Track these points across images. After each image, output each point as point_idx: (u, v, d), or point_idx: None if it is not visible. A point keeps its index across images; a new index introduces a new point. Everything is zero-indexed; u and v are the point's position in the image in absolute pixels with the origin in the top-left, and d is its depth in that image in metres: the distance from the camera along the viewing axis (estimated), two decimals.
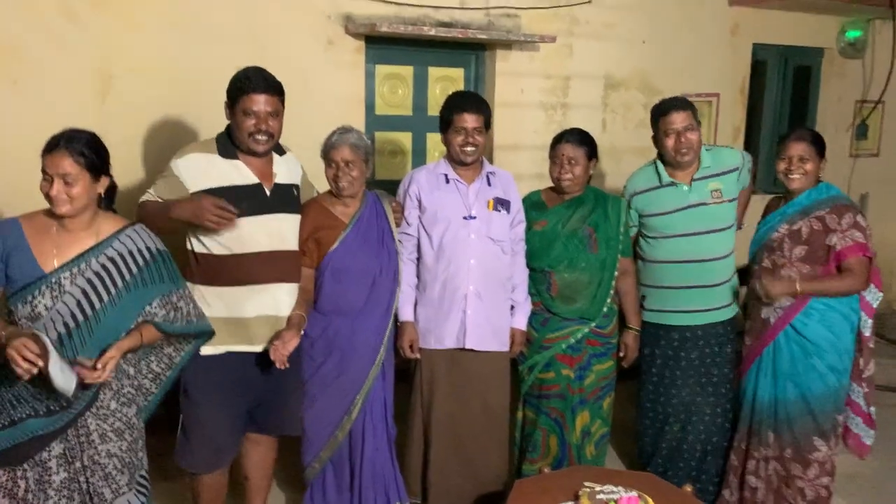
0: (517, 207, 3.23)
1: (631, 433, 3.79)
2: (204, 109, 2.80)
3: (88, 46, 3.90)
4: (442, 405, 3.14)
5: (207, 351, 2.80)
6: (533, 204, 3.37)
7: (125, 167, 4.03)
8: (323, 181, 3.05)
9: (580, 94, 5.35)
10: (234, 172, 2.79)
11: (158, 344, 2.58)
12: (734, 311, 3.44)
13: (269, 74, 2.80)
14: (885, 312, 6.01)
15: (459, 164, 3.15)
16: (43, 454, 2.32)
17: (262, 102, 2.73)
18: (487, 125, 3.14)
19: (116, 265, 2.37)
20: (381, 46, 4.76)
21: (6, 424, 2.30)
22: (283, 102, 2.82)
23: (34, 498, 2.31)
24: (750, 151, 6.17)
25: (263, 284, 2.81)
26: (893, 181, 6.82)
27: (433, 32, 4.60)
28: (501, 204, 3.16)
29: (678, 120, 3.27)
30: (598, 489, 2.57)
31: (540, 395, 3.32)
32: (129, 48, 3.98)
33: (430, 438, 3.17)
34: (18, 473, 2.31)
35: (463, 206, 3.12)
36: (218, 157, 2.79)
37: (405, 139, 5.05)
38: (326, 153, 2.95)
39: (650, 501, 2.51)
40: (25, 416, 2.30)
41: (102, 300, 2.33)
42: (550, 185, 3.38)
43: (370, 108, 4.83)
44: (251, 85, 2.73)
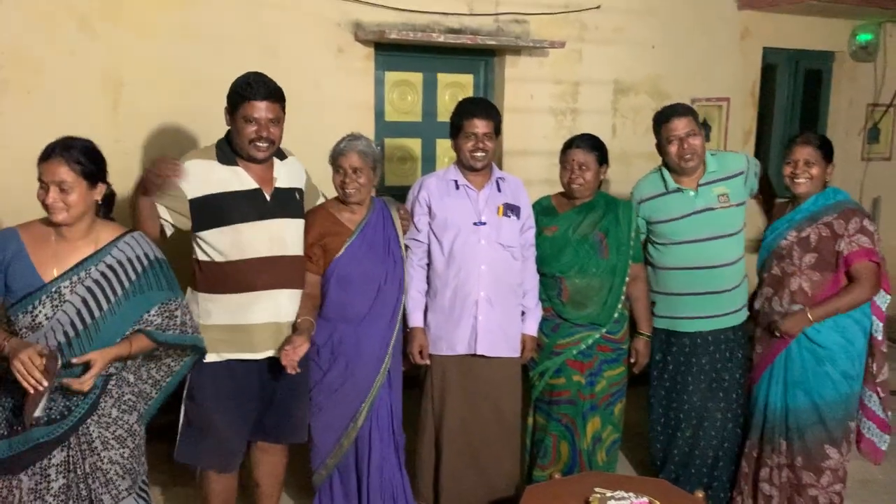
0: (527, 213, 3.23)
1: (642, 439, 3.78)
2: (215, 117, 2.82)
3: (100, 55, 3.94)
4: (453, 411, 3.14)
5: (212, 358, 2.81)
6: (543, 209, 3.37)
7: (137, 174, 4.08)
8: (331, 187, 3.05)
9: (590, 99, 5.34)
10: (232, 179, 2.79)
11: (157, 354, 2.57)
12: (744, 316, 3.43)
13: (269, 80, 2.77)
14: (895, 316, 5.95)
15: (470, 169, 3.15)
16: (43, 461, 2.30)
17: (263, 109, 2.72)
18: (498, 131, 3.15)
19: (116, 273, 2.35)
20: (390, 53, 4.78)
21: (7, 433, 2.29)
22: (283, 109, 2.80)
23: None
24: (761, 156, 6.19)
25: (265, 291, 2.81)
26: None
27: (442, 39, 4.61)
28: (511, 210, 3.16)
29: (680, 126, 3.26)
30: (608, 495, 2.56)
31: (551, 400, 3.31)
32: (140, 57, 4.01)
33: (441, 444, 3.17)
34: (14, 483, 2.29)
35: (473, 212, 3.12)
36: (217, 163, 2.79)
37: (415, 145, 5.06)
38: (334, 160, 2.96)
39: None
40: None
41: (102, 308, 2.32)
42: (560, 190, 3.38)
43: (380, 114, 4.85)
44: (252, 91, 2.70)
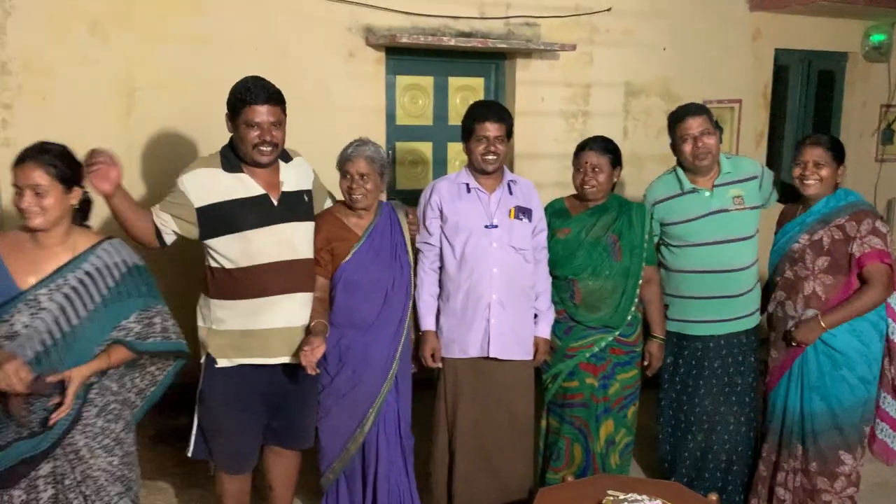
0: (539, 216, 3.23)
1: (654, 442, 3.76)
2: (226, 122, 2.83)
3: (112, 61, 3.98)
4: (466, 414, 3.14)
5: (223, 363, 2.83)
6: (556, 212, 3.36)
7: (150, 179, 4.12)
8: (341, 191, 3.06)
9: (601, 101, 5.34)
10: (238, 186, 2.79)
11: (142, 362, 2.54)
12: (757, 320, 3.41)
13: (268, 83, 2.76)
14: None
15: (481, 172, 3.15)
16: (31, 473, 2.29)
17: (264, 113, 2.71)
18: (509, 134, 3.14)
19: (94, 280, 2.33)
20: (401, 57, 4.80)
21: None
22: (284, 111, 2.80)
23: None
24: (773, 158, 6.17)
25: (276, 296, 2.82)
26: None
27: (453, 42, 4.62)
28: (523, 212, 3.16)
29: (694, 125, 3.26)
30: (622, 498, 2.55)
31: (564, 403, 3.30)
32: (152, 62, 4.05)
33: (454, 447, 3.16)
34: (5, 497, 2.28)
35: (484, 215, 3.12)
36: (221, 171, 2.79)
37: (426, 149, 5.07)
38: (342, 165, 2.95)
39: None
40: (11, 439, 2.27)
41: (80, 316, 2.29)
42: (573, 192, 3.37)
43: (391, 118, 4.86)
44: (252, 96, 2.69)
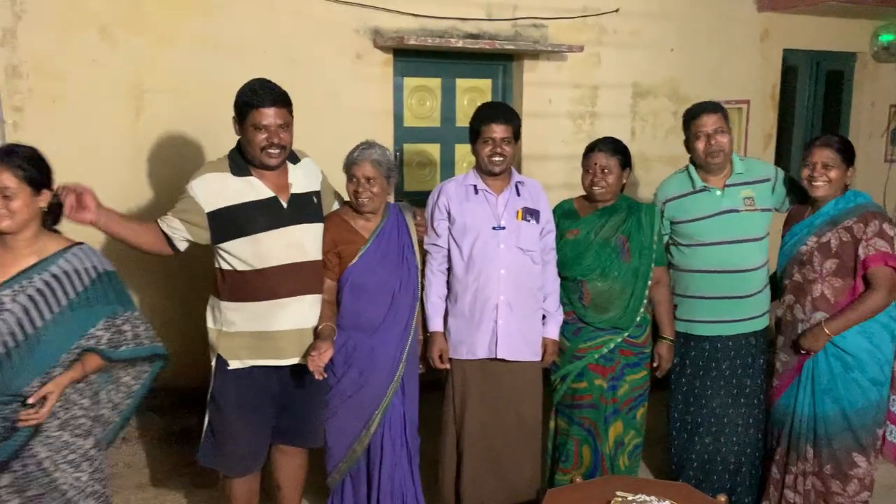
0: (546, 217, 3.23)
1: (663, 444, 3.75)
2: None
3: (122, 64, 4.00)
4: (474, 415, 3.14)
5: (235, 365, 2.84)
6: (565, 213, 3.36)
7: (158, 181, 4.14)
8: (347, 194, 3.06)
9: (608, 102, 5.34)
10: (247, 189, 2.79)
11: (115, 375, 2.51)
12: (766, 321, 3.39)
13: (274, 85, 2.76)
14: None
15: (488, 174, 3.15)
16: None
17: (271, 115, 2.71)
18: (517, 135, 3.13)
19: (60, 283, 2.30)
20: (409, 59, 4.81)
21: None
22: (291, 112, 2.80)
23: None
24: (782, 159, 6.15)
25: (286, 298, 2.83)
26: None
27: (461, 44, 4.63)
28: (530, 214, 3.16)
29: (709, 123, 3.25)
30: (630, 499, 2.54)
31: (572, 404, 3.30)
32: (161, 65, 4.07)
33: (462, 448, 3.17)
34: None
35: (492, 216, 3.12)
36: (230, 175, 2.79)
37: (433, 151, 5.08)
38: (348, 168, 2.95)
39: None
40: None
41: (44, 318, 2.26)
42: (582, 193, 3.37)
43: (398, 120, 4.87)
44: (259, 99, 2.70)
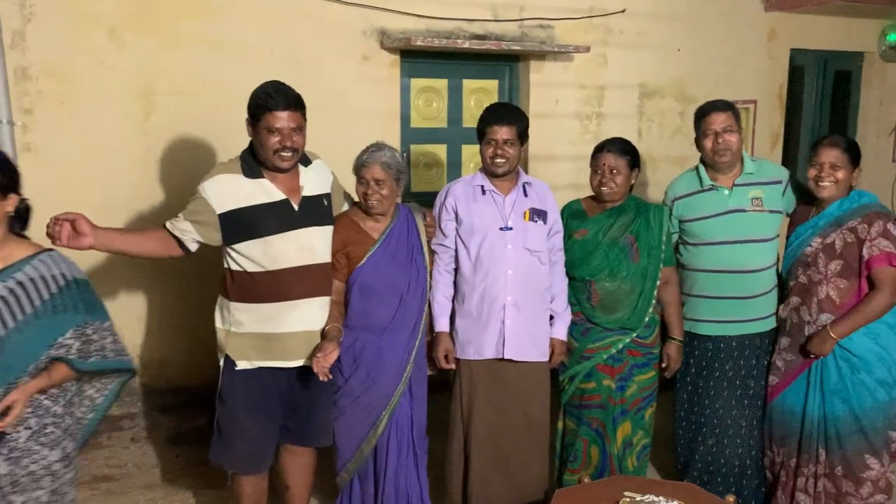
0: (554, 217, 3.23)
1: (671, 444, 3.74)
2: (243, 126, 2.85)
3: (130, 66, 4.02)
4: (482, 416, 3.14)
5: (243, 365, 2.85)
6: (573, 213, 3.36)
7: (167, 182, 4.16)
8: (357, 194, 3.07)
9: (615, 103, 5.33)
10: (259, 191, 2.80)
11: (79, 387, 2.44)
12: (773, 323, 3.36)
13: (289, 89, 2.77)
14: None
15: (491, 175, 3.16)
16: None
17: (284, 119, 2.71)
18: (522, 137, 3.13)
19: (25, 290, 2.24)
20: (415, 60, 4.81)
21: None
22: (304, 116, 2.80)
23: None
24: (789, 159, 6.13)
25: (296, 300, 2.83)
26: None
27: (467, 45, 4.63)
28: (538, 214, 3.16)
29: (717, 121, 3.25)
30: (639, 499, 2.54)
31: (581, 405, 3.30)
32: (169, 67, 4.08)
33: (470, 448, 3.17)
34: None
35: (499, 217, 3.13)
36: (242, 177, 2.80)
37: (440, 151, 5.08)
38: (358, 170, 2.96)
39: None
40: None
41: (7, 326, 2.20)
42: (590, 193, 3.37)
43: (405, 121, 4.88)
44: (273, 102, 2.70)
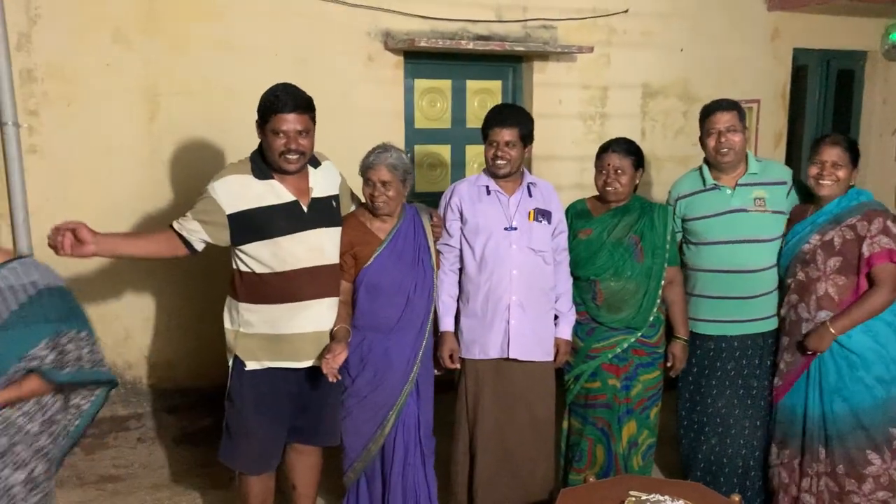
0: (558, 217, 3.24)
1: (675, 443, 3.75)
2: (248, 127, 2.86)
3: (136, 68, 4.03)
4: (487, 415, 3.15)
5: (252, 366, 2.86)
6: (578, 213, 3.37)
7: (173, 183, 4.17)
8: (363, 194, 3.08)
9: (618, 103, 5.33)
10: (268, 193, 2.80)
11: (63, 401, 2.32)
12: (775, 323, 3.35)
13: (298, 91, 2.77)
14: None
15: (494, 176, 3.17)
16: None
17: (291, 121, 2.71)
18: (525, 138, 3.13)
19: None
20: (419, 61, 4.82)
21: None
22: (313, 119, 2.80)
23: None
24: (792, 158, 6.13)
25: (305, 301, 2.84)
26: None
27: (471, 46, 4.64)
28: (542, 214, 3.17)
29: (721, 120, 3.25)
30: (644, 498, 2.55)
31: (586, 404, 3.31)
32: (175, 68, 4.10)
33: (475, 449, 3.18)
34: None
35: (504, 217, 3.14)
36: (252, 178, 2.81)
37: (444, 152, 5.09)
38: (364, 172, 2.96)
39: None
40: None
41: None
42: (593, 193, 3.38)
43: (409, 121, 4.89)
44: (280, 104, 2.70)
